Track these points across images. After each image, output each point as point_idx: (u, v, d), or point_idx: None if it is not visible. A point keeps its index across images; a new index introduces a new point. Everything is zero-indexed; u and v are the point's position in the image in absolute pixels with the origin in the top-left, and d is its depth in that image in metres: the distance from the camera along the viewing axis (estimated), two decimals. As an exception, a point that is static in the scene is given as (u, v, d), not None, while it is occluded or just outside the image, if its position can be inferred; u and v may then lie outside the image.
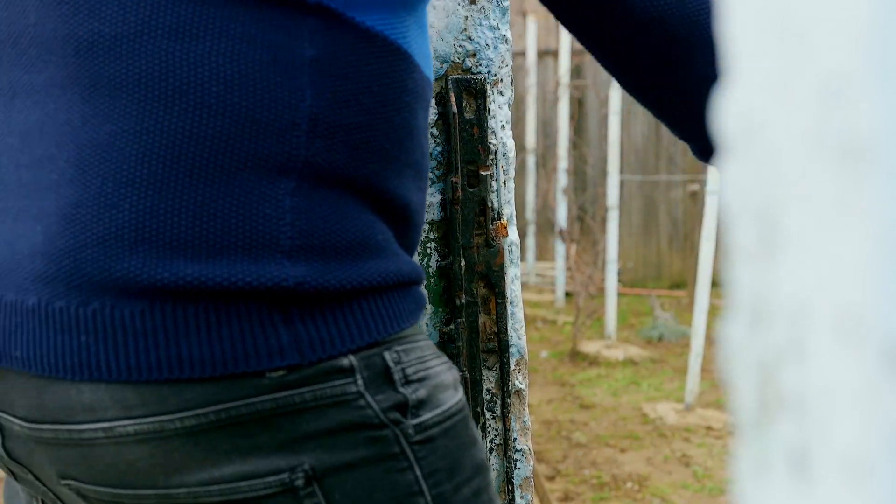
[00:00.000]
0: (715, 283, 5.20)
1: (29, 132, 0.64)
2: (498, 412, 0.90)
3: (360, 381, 0.62)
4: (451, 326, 0.87)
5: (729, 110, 0.19)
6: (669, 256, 6.73)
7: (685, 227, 6.62)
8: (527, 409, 0.93)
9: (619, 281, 6.34)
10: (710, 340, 4.56)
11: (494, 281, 0.88)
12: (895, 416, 0.15)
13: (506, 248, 0.89)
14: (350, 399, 0.61)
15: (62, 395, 0.62)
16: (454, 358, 0.86)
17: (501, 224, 0.89)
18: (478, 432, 0.70)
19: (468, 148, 0.86)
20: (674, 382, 4.18)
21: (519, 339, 0.91)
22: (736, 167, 0.19)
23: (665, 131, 6.43)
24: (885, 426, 0.15)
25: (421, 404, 0.64)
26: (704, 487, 2.94)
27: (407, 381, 0.64)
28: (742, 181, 0.19)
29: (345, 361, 0.61)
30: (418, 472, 0.63)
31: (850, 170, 0.16)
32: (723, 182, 0.20)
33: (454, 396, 0.68)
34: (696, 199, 6.15)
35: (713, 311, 4.83)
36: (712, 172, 3.36)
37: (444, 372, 0.68)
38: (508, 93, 0.90)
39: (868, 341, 0.16)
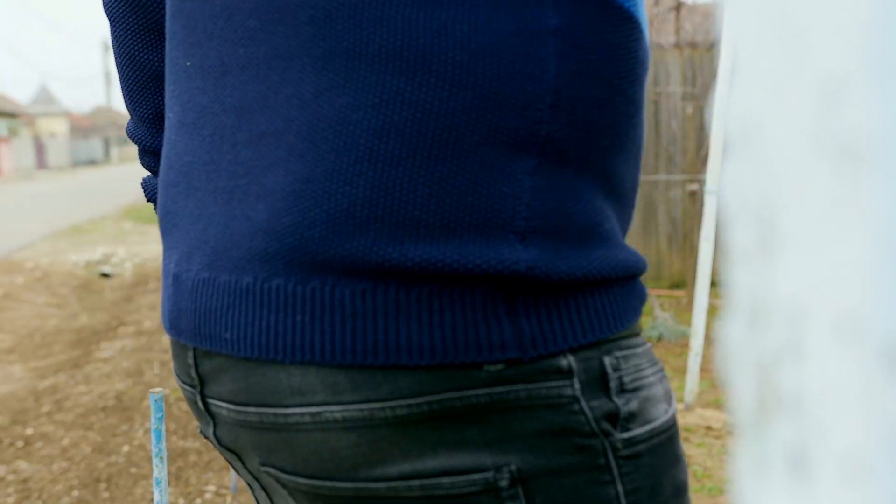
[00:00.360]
0: (714, 283, 5.20)
1: (247, 108, 0.61)
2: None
3: (576, 385, 0.59)
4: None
5: (728, 110, 0.19)
6: (669, 256, 6.73)
7: (684, 227, 6.62)
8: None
9: (619, 281, 6.32)
10: (709, 340, 4.56)
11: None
12: (894, 416, 0.15)
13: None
14: (565, 402, 0.59)
15: (270, 377, 0.60)
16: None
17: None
18: (683, 450, 0.67)
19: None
20: (673, 382, 4.19)
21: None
22: (734, 167, 0.19)
23: (665, 131, 6.43)
24: (884, 426, 0.15)
25: (631, 417, 0.61)
26: (704, 487, 2.94)
27: (622, 391, 0.61)
28: (741, 181, 0.19)
29: (564, 362, 0.58)
30: (620, 488, 0.61)
31: (849, 170, 0.16)
32: (721, 182, 0.20)
33: (664, 412, 0.64)
34: (696, 198, 6.16)
35: (713, 311, 4.83)
36: (711, 172, 3.35)
37: (657, 383, 0.65)
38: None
39: (867, 341, 0.16)
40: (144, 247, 8.84)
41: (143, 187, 0.92)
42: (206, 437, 0.72)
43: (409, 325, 0.56)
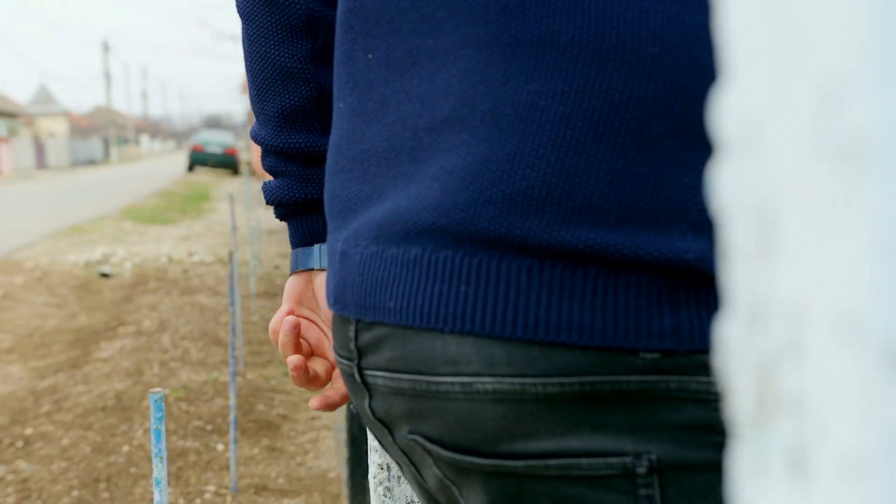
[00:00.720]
0: (714, 283, 5.17)
1: (430, 95, 0.63)
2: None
3: None
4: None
5: (727, 110, 0.19)
6: (668, 256, 6.72)
7: (684, 227, 6.61)
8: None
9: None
10: (709, 340, 4.55)
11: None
12: (894, 417, 0.15)
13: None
14: (711, 399, 0.59)
15: (427, 345, 0.62)
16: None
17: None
18: None
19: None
20: (673, 382, 4.18)
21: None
22: (734, 167, 0.19)
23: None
24: (883, 426, 0.15)
25: None
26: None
27: None
28: (740, 181, 0.19)
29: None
30: None
31: (848, 170, 0.16)
32: (721, 182, 0.20)
33: None
34: (695, 198, 6.14)
35: (712, 311, 4.82)
36: (711, 172, 3.35)
37: None
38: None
39: (867, 341, 0.16)
40: (144, 247, 8.83)
41: (263, 190, 0.91)
42: (357, 414, 0.73)
43: (571, 304, 0.57)
